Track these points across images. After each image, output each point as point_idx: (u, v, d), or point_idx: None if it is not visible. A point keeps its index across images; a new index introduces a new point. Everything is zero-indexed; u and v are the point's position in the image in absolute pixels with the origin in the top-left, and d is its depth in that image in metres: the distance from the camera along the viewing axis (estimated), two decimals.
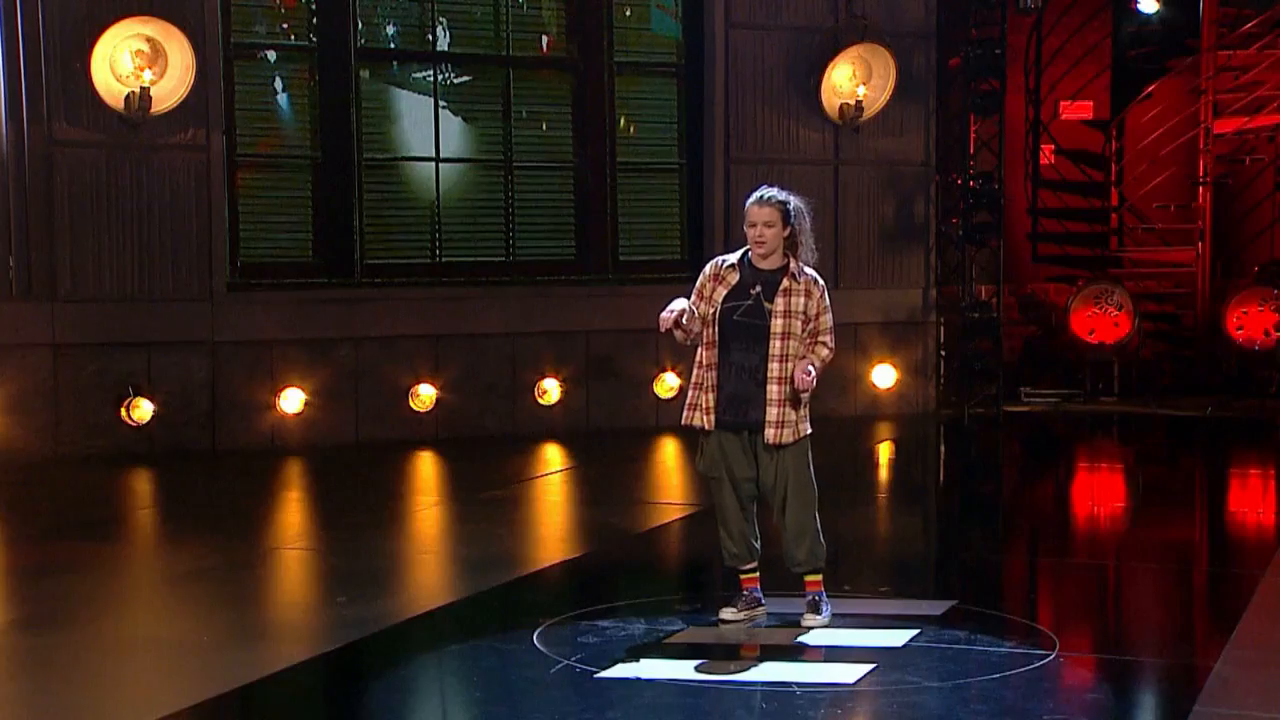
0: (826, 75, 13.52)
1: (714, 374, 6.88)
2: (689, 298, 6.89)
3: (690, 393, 6.95)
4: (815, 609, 6.91)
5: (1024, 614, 7.59)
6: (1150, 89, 15.70)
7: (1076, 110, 16.05)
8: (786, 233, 6.88)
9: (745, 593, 6.99)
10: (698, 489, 11.04)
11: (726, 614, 6.94)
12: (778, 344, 6.81)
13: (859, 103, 13.60)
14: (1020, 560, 9.27)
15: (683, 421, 6.98)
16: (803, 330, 6.85)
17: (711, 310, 6.87)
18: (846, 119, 13.66)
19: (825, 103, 13.61)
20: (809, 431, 6.94)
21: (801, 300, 6.84)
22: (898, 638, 6.69)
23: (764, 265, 6.90)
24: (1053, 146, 15.90)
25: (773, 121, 13.70)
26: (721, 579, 7.47)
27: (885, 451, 12.90)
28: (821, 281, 6.95)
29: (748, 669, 6.40)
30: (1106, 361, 15.22)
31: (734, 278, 6.89)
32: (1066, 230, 16.06)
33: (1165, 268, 15.98)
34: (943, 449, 13.45)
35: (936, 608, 7.24)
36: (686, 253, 13.66)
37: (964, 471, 12.58)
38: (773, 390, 6.80)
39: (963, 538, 9.77)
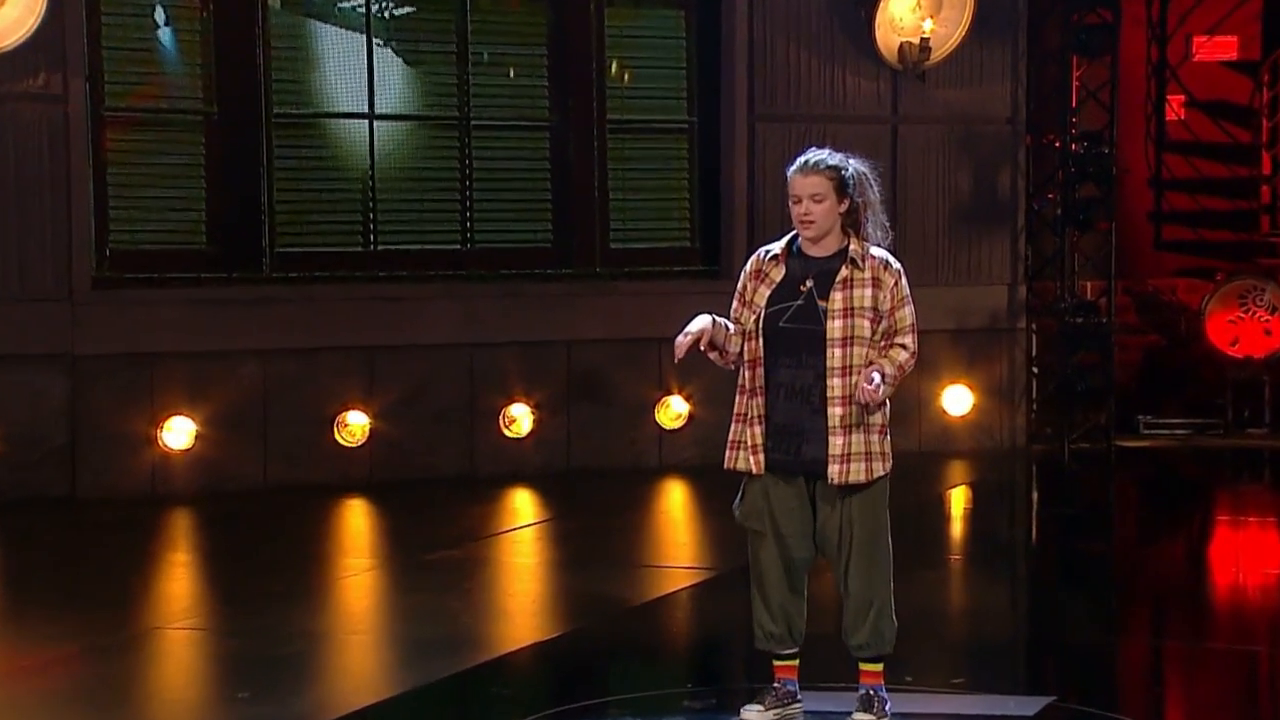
0: (882, 6, 13.54)
1: (760, 400, 6.81)
2: (726, 313, 6.83)
3: (732, 427, 6.87)
4: (869, 707, 6.85)
5: (1144, 715, 7.56)
6: None
7: (1216, 49, 16.02)
8: (844, 207, 6.82)
9: (777, 685, 6.94)
10: (713, 548, 11.02)
11: (751, 713, 6.88)
12: (838, 353, 6.72)
13: (925, 41, 13.59)
14: (1139, 644, 9.24)
15: (725, 465, 6.90)
16: (873, 332, 6.76)
17: (754, 316, 6.82)
18: (909, 63, 13.65)
19: (881, 42, 13.61)
20: (886, 471, 6.86)
21: (868, 292, 6.77)
22: None
23: (816, 252, 6.85)
24: (1183, 97, 15.89)
25: (812, 67, 13.71)
26: (745, 666, 7.45)
27: (959, 499, 12.90)
28: (895, 264, 6.85)
29: None
30: (1255, 381, 15.21)
31: (779, 272, 6.85)
32: (1201, 208, 16.04)
33: None
34: (1035, 496, 13.45)
35: (1028, 706, 7.22)
36: (698, 239, 13.65)
37: (1064, 526, 12.55)
38: (834, 414, 6.71)
39: (1062, 614, 9.73)
